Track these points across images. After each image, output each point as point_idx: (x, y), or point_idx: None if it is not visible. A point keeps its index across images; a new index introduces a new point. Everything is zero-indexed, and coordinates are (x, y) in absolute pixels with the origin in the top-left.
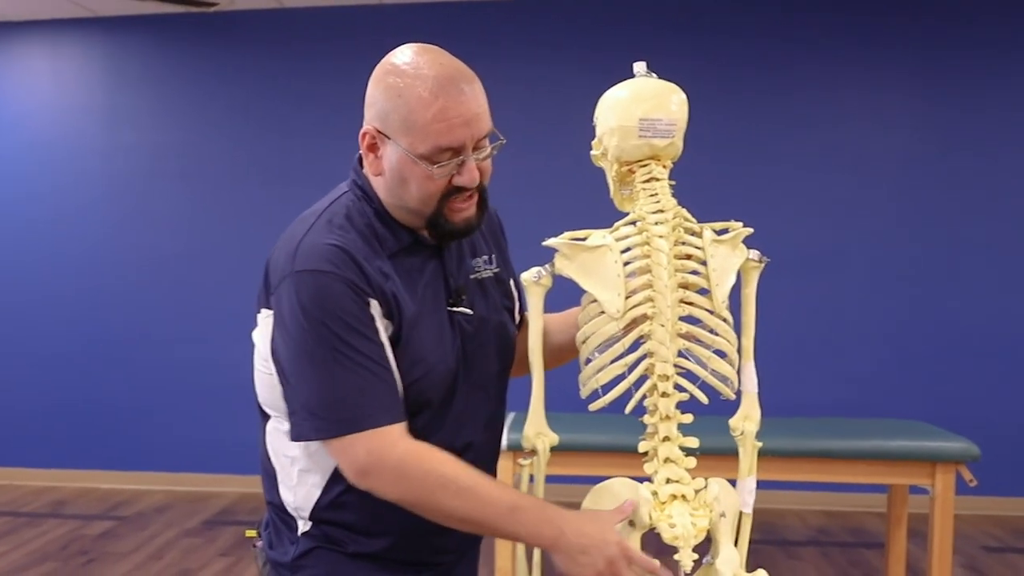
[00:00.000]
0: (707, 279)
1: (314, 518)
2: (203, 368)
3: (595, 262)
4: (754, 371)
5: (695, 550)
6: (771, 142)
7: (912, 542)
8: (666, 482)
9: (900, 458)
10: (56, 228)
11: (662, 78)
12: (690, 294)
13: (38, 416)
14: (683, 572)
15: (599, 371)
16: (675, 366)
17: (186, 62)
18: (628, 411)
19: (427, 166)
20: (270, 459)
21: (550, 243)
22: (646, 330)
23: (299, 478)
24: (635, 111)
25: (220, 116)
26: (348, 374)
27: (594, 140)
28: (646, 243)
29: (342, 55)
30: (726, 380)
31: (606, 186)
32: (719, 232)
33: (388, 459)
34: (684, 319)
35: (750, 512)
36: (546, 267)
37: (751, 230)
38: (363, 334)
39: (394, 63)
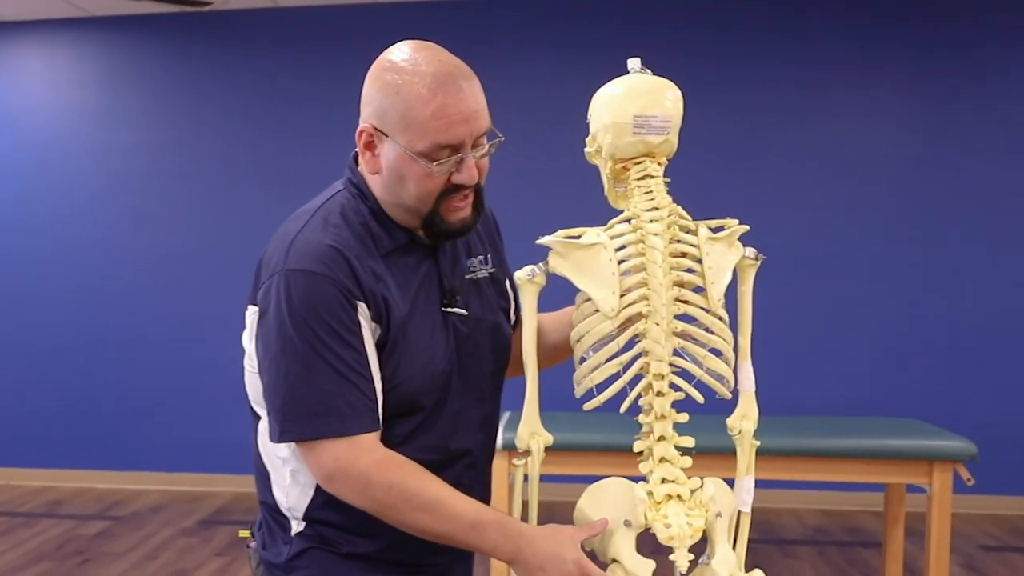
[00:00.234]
0: (702, 277)
1: (307, 518)
2: (199, 368)
3: (589, 260)
4: (751, 370)
5: (691, 550)
6: (767, 139)
7: (909, 541)
8: (661, 482)
9: (897, 457)
10: (52, 228)
11: (657, 74)
12: (685, 292)
13: (34, 416)
14: (679, 573)
15: (593, 370)
16: (670, 365)
17: (181, 61)
18: (623, 410)
19: (426, 164)
20: (262, 459)
21: (544, 241)
22: (641, 329)
23: (291, 478)
24: (629, 108)
25: (216, 115)
26: (324, 378)
27: (588, 137)
28: (641, 241)
29: (338, 54)
30: (722, 379)
31: (600, 184)
32: (714, 229)
33: (354, 468)
34: (679, 317)
35: (749, 511)
36: (540, 265)
37: (747, 227)
38: (345, 340)
39: (391, 60)
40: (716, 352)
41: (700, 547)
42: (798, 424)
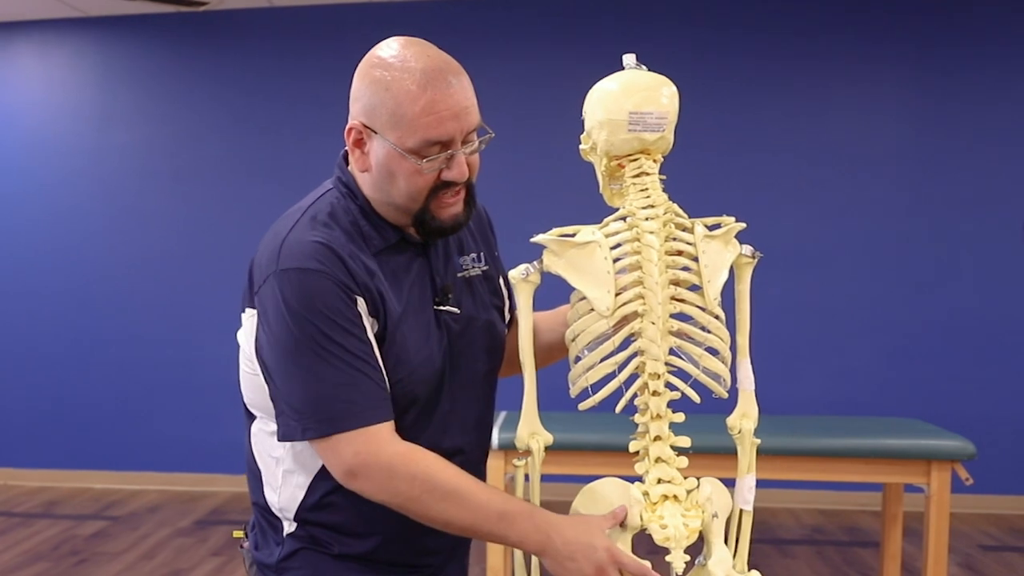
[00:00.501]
0: (699, 275)
1: (299, 519)
2: (196, 368)
3: (584, 258)
4: (750, 369)
5: (687, 551)
6: (765, 136)
7: (907, 540)
8: (657, 482)
9: (895, 456)
10: (48, 228)
11: (652, 70)
12: (681, 291)
13: (31, 416)
14: (675, 574)
15: (589, 369)
16: (666, 364)
17: (177, 61)
18: (619, 410)
19: (416, 160)
20: (255, 460)
21: (538, 239)
22: (636, 328)
23: (283, 479)
24: (625, 104)
25: (211, 115)
26: (335, 372)
27: (583, 134)
28: (636, 239)
29: (332, 53)
30: (718, 378)
31: (595, 181)
32: (711, 227)
33: (377, 460)
34: (675, 316)
35: (750, 510)
36: (534, 264)
37: (744, 225)
38: (350, 331)
39: (380, 56)
40: (713, 351)
41: (697, 548)
42: (796, 424)
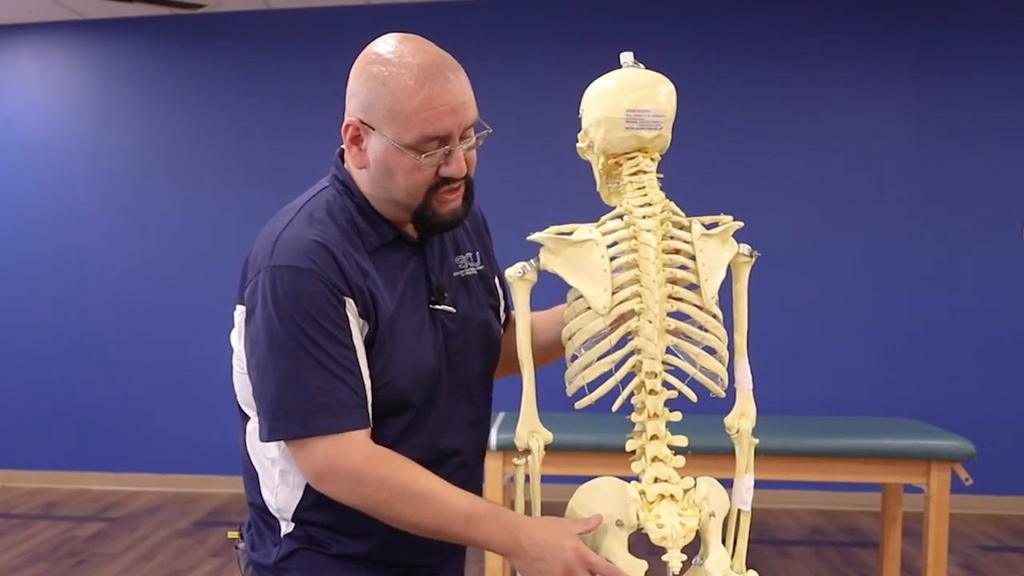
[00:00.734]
0: (696, 274)
1: (296, 519)
2: (194, 369)
3: (581, 257)
4: (748, 368)
5: (684, 551)
6: (763, 134)
7: (907, 541)
8: (654, 481)
9: (895, 457)
10: (46, 230)
11: (650, 68)
12: (679, 289)
13: (29, 418)
14: (671, 573)
15: (585, 368)
16: (663, 363)
17: (175, 64)
18: (615, 409)
19: (414, 156)
20: (251, 460)
21: (534, 238)
22: (633, 326)
23: (280, 479)
24: (622, 102)
25: (209, 117)
26: (312, 375)
27: (580, 133)
28: (633, 237)
29: (330, 55)
30: (716, 377)
31: (592, 179)
32: (708, 226)
33: (344, 465)
34: (672, 315)
35: (749, 510)
36: (531, 262)
37: (741, 224)
38: (333, 336)
39: (377, 52)
40: (710, 350)
41: (694, 548)
42: (795, 424)
